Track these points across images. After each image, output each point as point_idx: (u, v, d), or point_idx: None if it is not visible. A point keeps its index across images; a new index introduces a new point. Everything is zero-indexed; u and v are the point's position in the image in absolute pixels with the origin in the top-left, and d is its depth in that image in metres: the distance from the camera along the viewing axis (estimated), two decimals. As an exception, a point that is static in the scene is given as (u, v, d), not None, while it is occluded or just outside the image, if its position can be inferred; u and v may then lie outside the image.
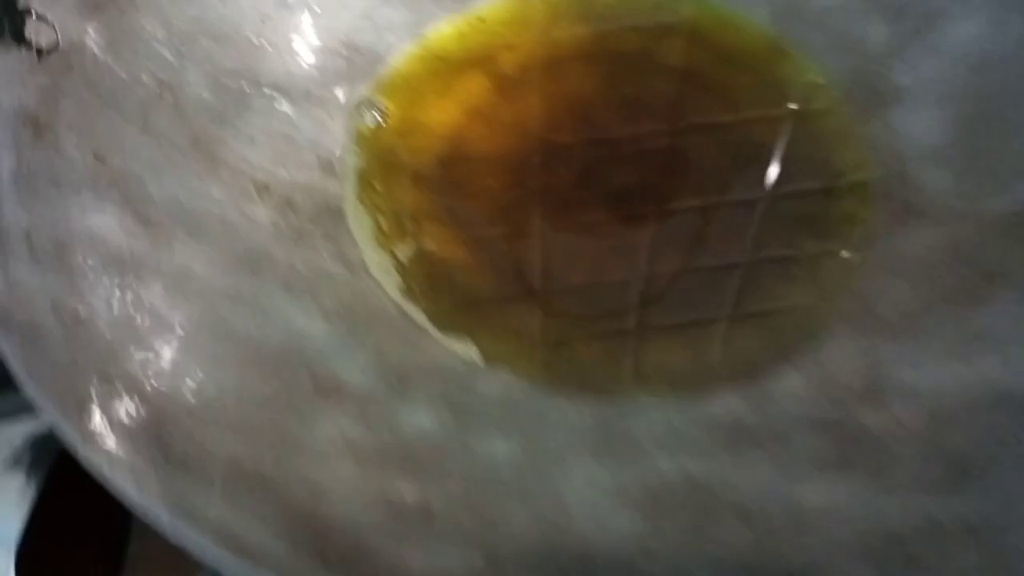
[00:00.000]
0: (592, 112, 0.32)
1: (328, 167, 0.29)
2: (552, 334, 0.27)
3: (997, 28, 0.29)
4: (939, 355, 0.25)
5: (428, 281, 0.28)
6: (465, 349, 0.27)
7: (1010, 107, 0.28)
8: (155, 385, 0.22)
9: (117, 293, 0.22)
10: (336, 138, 0.30)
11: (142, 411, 0.20)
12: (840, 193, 0.29)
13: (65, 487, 0.24)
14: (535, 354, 0.27)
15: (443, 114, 0.31)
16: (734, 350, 0.27)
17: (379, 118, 0.31)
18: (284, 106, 0.29)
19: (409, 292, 0.27)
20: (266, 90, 0.29)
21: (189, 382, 0.22)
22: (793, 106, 0.31)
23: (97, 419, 0.19)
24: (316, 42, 0.31)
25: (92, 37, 0.26)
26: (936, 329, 0.25)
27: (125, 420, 0.20)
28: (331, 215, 0.28)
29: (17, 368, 0.18)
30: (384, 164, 0.30)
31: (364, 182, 0.29)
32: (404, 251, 0.28)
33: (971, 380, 0.24)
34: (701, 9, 0.33)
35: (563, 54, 0.33)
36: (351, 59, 0.31)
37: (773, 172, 0.29)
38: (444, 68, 0.32)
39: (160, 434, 0.20)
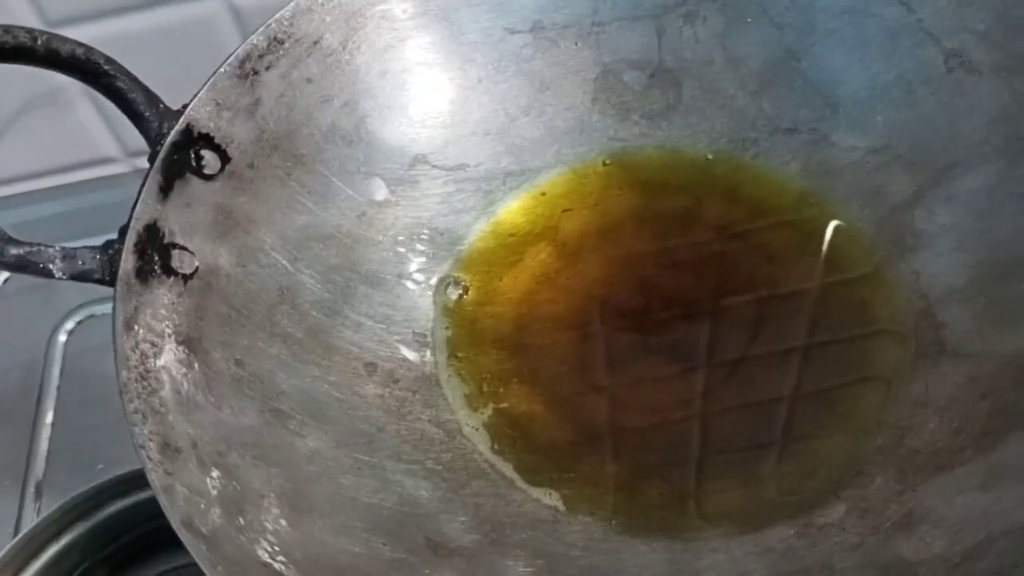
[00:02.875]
0: (644, 270, 0.36)
1: (422, 340, 0.34)
2: (623, 479, 0.31)
3: (1005, 179, 0.33)
4: (964, 487, 0.28)
5: (513, 437, 0.32)
6: (549, 498, 0.31)
7: (1017, 252, 0.31)
8: (303, 556, 0.26)
9: (269, 485, 0.27)
10: (426, 313, 0.35)
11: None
12: (876, 331, 0.33)
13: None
14: (608, 499, 0.31)
15: (516, 283, 0.36)
16: (786, 486, 0.30)
17: (461, 292, 0.36)
18: (382, 290, 0.35)
19: (498, 449, 0.32)
20: (366, 278, 0.35)
21: (329, 552, 0.27)
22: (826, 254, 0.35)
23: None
24: (404, 230, 0.36)
25: (224, 258, 0.31)
26: (962, 463, 0.29)
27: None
28: (427, 384, 0.33)
29: (203, 565, 0.23)
30: (468, 333, 0.35)
31: (452, 351, 0.34)
32: (491, 411, 0.33)
33: (991, 510, 0.27)
34: (737, 169, 0.37)
35: (616, 219, 0.37)
36: (434, 241, 0.36)
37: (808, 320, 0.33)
38: (514, 241, 0.37)
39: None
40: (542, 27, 0.38)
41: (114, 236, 0.30)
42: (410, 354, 0.34)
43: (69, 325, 0.43)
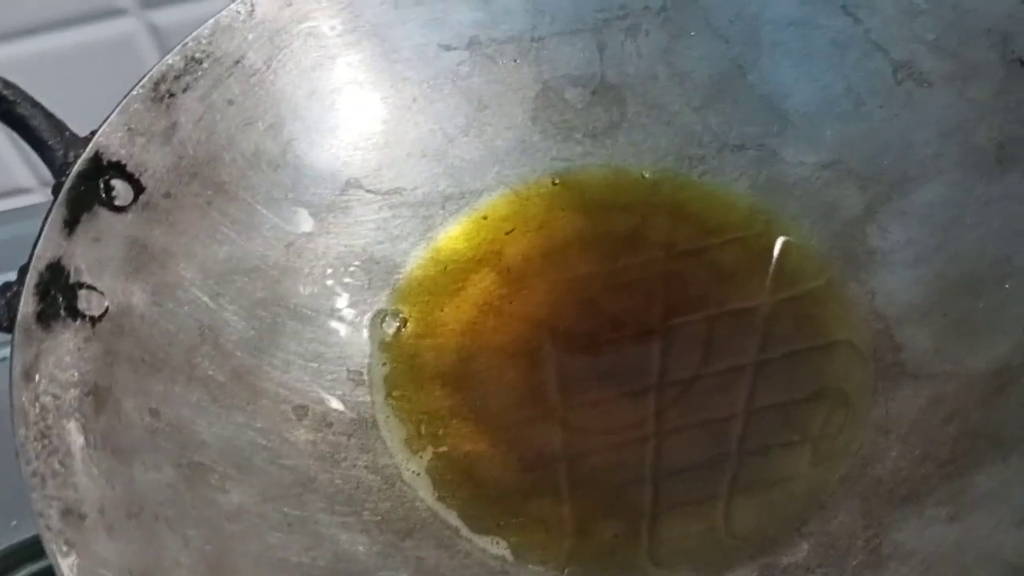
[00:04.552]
0: (591, 293, 0.34)
1: (357, 379, 0.32)
2: (575, 521, 0.29)
3: (960, 191, 0.31)
4: (932, 518, 0.27)
5: (457, 480, 0.30)
6: (496, 547, 0.29)
7: (977, 266, 0.30)
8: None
9: (186, 550, 0.24)
10: (362, 349, 0.33)
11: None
12: (831, 353, 0.32)
13: None
14: (561, 544, 0.29)
15: (458, 312, 0.34)
16: (745, 523, 0.29)
17: (399, 324, 0.33)
18: (312, 326, 0.32)
19: (440, 494, 0.30)
20: (295, 313, 0.32)
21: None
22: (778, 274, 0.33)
23: None
24: (337, 260, 0.34)
25: (138, 296, 0.29)
26: (929, 492, 0.27)
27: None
28: (364, 427, 0.31)
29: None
30: (408, 368, 0.33)
31: (390, 389, 0.32)
32: (433, 452, 0.31)
33: (963, 542, 0.26)
34: (685, 186, 0.36)
35: (561, 241, 0.36)
36: (369, 270, 0.34)
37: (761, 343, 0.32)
38: (455, 268, 0.35)
39: None
40: (479, 43, 0.36)
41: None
42: (344, 394, 0.32)
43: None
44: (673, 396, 0.32)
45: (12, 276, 0.27)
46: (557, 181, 0.36)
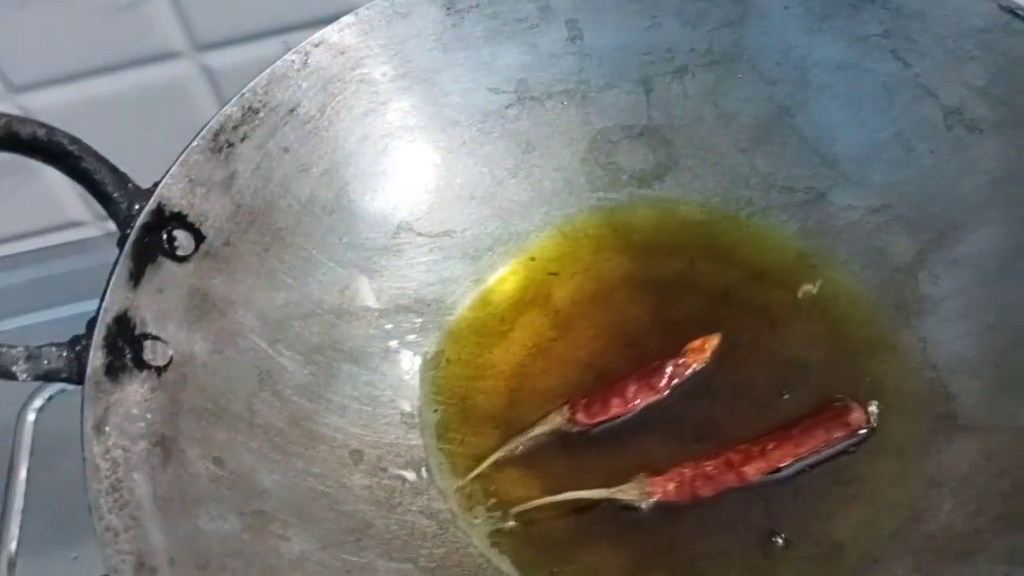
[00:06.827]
0: (639, 338, 0.35)
1: (410, 421, 0.33)
2: (625, 569, 0.30)
3: (1009, 241, 0.31)
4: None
5: (510, 526, 0.31)
6: (550, 595, 0.29)
7: (1027, 318, 0.30)
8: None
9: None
10: (415, 391, 0.33)
11: None
12: (883, 401, 0.32)
13: None
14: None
15: (507, 354, 0.35)
16: None
17: (450, 366, 0.34)
18: (367, 369, 0.33)
19: (494, 540, 0.30)
20: (350, 356, 0.33)
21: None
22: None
23: None
24: (390, 303, 0.35)
25: (200, 345, 0.30)
26: (983, 548, 0.27)
27: None
28: (417, 469, 0.32)
29: None
30: (459, 411, 0.33)
31: (443, 432, 0.33)
32: (486, 497, 0.31)
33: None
34: (732, 229, 0.36)
35: (608, 284, 0.36)
36: (421, 312, 0.35)
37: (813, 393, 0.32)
38: (504, 309, 0.35)
39: None
40: (527, 87, 0.36)
41: (81, 306, 0.28)
42: (398, 438, 0.32)
43: (38, 403, 0.41)
44: (719, 445, 0.32)
45: (69, 310, 0.28)
46: (603, 222, 0.37)
